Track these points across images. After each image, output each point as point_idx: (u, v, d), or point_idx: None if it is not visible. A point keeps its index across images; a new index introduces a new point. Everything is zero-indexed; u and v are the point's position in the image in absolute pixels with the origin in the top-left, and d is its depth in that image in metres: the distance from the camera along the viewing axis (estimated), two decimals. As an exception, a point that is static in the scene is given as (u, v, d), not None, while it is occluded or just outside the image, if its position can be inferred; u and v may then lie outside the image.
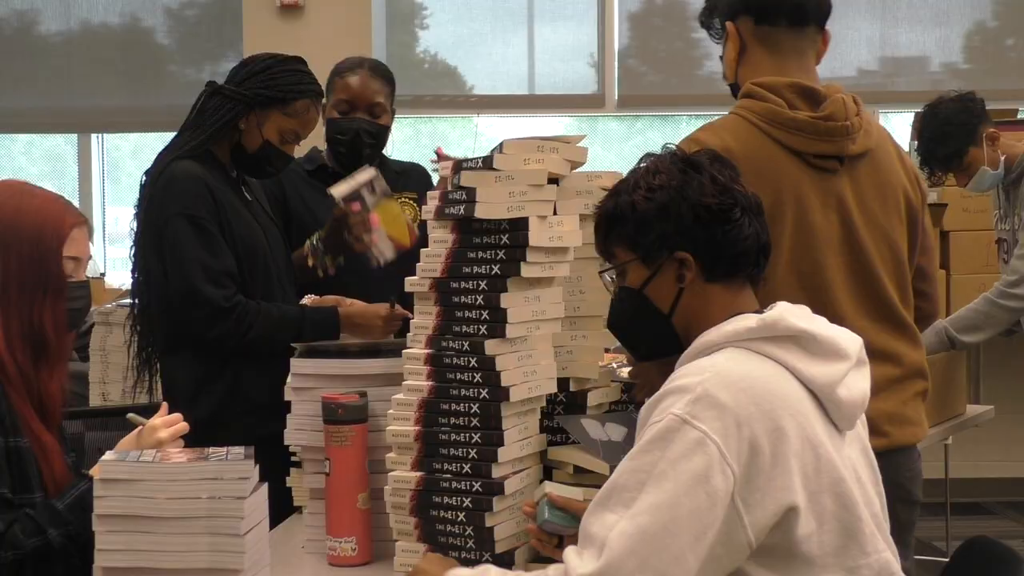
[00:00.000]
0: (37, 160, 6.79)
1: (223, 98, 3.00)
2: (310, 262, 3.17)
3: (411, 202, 3.57)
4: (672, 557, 1.67)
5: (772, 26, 2.48)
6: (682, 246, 1.88)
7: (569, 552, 1.74)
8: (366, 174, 3.12)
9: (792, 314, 1.85)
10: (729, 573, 1.74)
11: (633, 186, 1.93)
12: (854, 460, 1.86)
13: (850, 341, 1.89)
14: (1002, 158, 4.00)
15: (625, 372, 2.64)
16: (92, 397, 4.02)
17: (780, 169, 2.39)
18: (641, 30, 6.03)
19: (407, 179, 3.57)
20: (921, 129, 4.11)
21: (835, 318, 2.07)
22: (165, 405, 2.29)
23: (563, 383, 2.33)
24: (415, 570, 1.97)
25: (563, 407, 2.34)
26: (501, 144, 2.17)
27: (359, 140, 3.36)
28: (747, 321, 1.84)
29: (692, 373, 1.78)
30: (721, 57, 2.59)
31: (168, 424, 2.21)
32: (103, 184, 6.33)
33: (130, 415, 2.27)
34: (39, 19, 6.19)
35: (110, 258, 6.29)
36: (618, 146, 6.33)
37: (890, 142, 2.57)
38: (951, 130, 3.99)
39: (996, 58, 6.04)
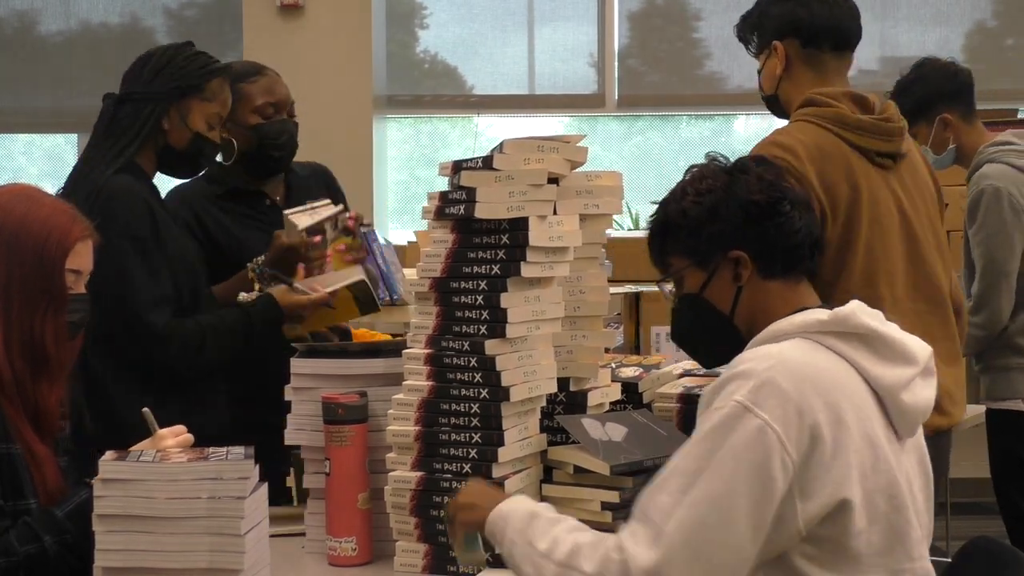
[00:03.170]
0: (37, 160, 6.78)
1: (135, 104, 2.85)
2: (257, 287, 2.98)
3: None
4: (730, 548, 1.69)
5: (818, 49, 2.75)
6: (736, 245, 1.90)
7: (623, 532, 1.75)
8: (331, 209, 2.98)
9: (865, 312, 1.85)
10: (775, 564, 1.76)
11: (681, 194, 1.95)
12: (909, 469, 1.86)
13: (920, 348, 1.89)
14: (952, 147, 3.80)
15: (625, 372, 2.64)
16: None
17: (852, 166, 2.64)
18: (641, 30, 6.02)
19: (311, 184, 3.36)
20: (904, 75, 3.90)
21: (895, 301, 2.57)
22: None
23: (563, 383, 2.33)
24: (459, 502, 1.98)
25: (563, 407, 2.34)
26: (501, 144, 2.17)
27: (293, 143, 3.18)
28: (818, 314, 1.85)
29: (757, 358, 1.79)
30: (759, 71, 2.85)
31: (176, 434, 2.19)
32: (103, 184, 6.32)
33: (145, 410, 2.23)
34: (39, 19, 6.18)
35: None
36: (618, 146, 6.32)
37: (915, 146, 2.87)
38: (916, 88, 3.78)
39: (996, 58, 6.04)
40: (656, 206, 2.02)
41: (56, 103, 6.16)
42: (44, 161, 6.76)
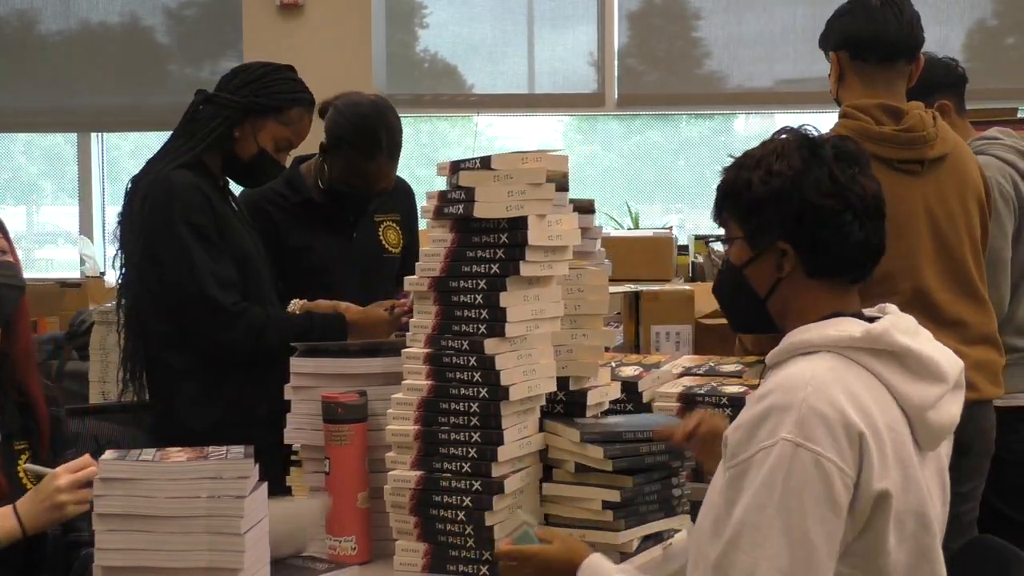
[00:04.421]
0: (37, 159, 6.79)
1: (217, 107, 2.98)
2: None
3: (394, 224, 3.54)
4: None
5: (864, 61, 3.01)
6: (786, 237, 1.85)
7: None
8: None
9: (898, 329, 1.80)
10: None
11: (756, 163, 1.89)
12: (930, 482, 1.84)
13: (951, 364, 1.86)
14: None
15: (624, 371, 2.65)
16: (92, 396, 4.03)
17: None
18: (641, 30, 6.02)
19: (393, 198, 3.50)
20: None
21: (922, 291, 2.85)
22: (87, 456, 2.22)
23: (563, 382, 2.33)
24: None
25: (563, 406, 2.34)
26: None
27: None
28: (851, 329, 1.80)
29: (792, 387, 1.74)
30: (829, 75, 3.15)
31: (72, 469, 2.17)
32: (103, 183, 6.33)
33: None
34: (39, 19, 6.18)
35: (110, 256, 6.27)
36: (618, 145, 6.32)
37: (965, 146, 3.13)
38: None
39: (996, 57, 6.03)
40: (732, 160, 1.95)
41: (56, 103, 6.16)
42: (44, 161, 6.76)
